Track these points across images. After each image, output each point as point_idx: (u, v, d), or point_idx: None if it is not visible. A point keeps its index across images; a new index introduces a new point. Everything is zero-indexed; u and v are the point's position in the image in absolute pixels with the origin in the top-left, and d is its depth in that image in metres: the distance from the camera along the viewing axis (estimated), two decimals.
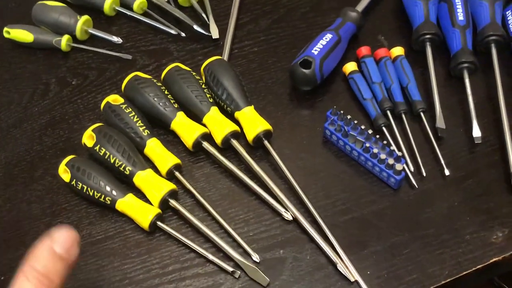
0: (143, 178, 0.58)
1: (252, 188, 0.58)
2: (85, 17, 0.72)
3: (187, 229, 0.57)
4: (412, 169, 0.58)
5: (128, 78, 0.64)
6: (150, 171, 0.59)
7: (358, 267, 0.53)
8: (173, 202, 0.57)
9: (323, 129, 0.61)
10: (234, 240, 0.56)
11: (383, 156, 0.56)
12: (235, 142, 0.60)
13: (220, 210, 0.58)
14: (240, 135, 0.61)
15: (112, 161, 0.58)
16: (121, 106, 0.62)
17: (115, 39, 0.72)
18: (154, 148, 0.60)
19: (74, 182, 0.58)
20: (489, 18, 0.65)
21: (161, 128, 0.63)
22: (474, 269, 0.53)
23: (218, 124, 0.60)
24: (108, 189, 0.57)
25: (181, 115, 0.61)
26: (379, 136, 0.58)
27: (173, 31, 0.72)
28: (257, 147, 0.61)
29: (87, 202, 0.60)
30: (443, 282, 0.52)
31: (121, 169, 0.58)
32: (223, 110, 0.62)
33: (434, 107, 0.61)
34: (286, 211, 0.56)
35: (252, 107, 0.62)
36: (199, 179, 0.60)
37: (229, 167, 0.59)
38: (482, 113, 0.61)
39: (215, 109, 0.62)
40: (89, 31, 0.73)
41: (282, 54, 0.70)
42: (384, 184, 0.58)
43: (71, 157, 0.60)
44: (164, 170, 0.59)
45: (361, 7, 0.69)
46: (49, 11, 0.73)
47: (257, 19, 0.74)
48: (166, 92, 0.63)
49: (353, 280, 0.52)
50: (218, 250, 0.55)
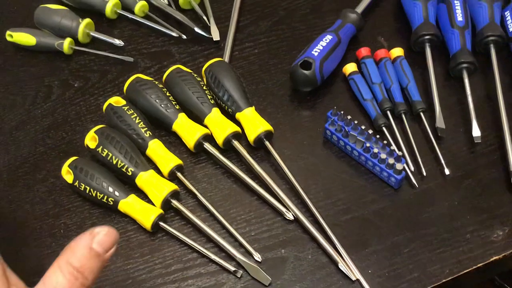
0: (145, 179, 0.58)
1: (253, 188, 0.59)
2: (87, 20, 0.73)
3: (189, 229, 0.58)
4: (412, 168, 0.59)
5: (130, 80, 0.65)
6: (152, 172, 0.59)
7: (359, 266, 0.53)
8: (175, 203, 0.58)
9: (324, 130, 0.61)
10: (236, 240, 0.56)
11: (384, 156, 0.57)
12: (236, 143, 0.61)
13: (222, 211, 0.58)
14: (241, 136, 0.62)
15: (115, 162, 0.59)
16: (123, 108, 0.62)
17: (117, 41, 0.72)
18: (156, 149, 0.61)
19: (77, 183, 0.59)
20: (488, 18, 0.66)
21: (163, 129, 0.64)
22: (475, 267, 0.53)
23: (219, 125, 0.61)
24: (111, 190, 0.57)
25: (182, 116, 0.62)
26: (379, 136, 0.59)
27: (174, 34, 0.73)
28: (258, 147, 0.62)
29: (90, 203, 0.60)
30: (443, 281, 0.52)
31: (124, 170, 0.59)
32: (224, 111, 0.63)
33: (434, 107, 0.61)
34: (288, 211, 0.57)
35: (253, 108, 0.62)
36: (200, 179, 0.61)
37: (230, 167, 0.60)
38: (481, 112, 0.62)
39: (216, 110, 0.62)
40: (91, 34, 0.73)
41: (282, 56, 0.70)
42: (385, 184, 0.59)
43: (73, 158, 0.60)
44: (166, 171, 0.60)
45: (360, 8, 0.70)
46: (51, 15, 0.73)
47: (257, 21, 0.74)
48: (168, 94, 0.63)
49: (354, 279, 0.53)
50: (220, 250, 0.56)
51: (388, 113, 0.62)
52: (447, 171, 0.58)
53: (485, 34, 0.65)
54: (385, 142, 0.57)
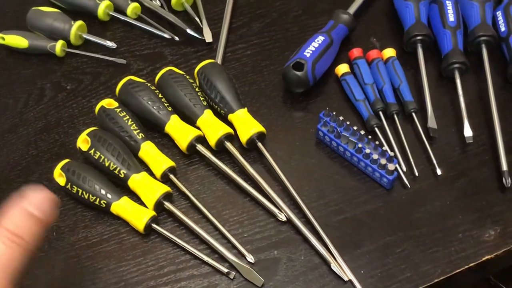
0: (137, 181, 0.58)
1: (246, 190, 0.59)
2: (79, 23, 0.73)
3: (182, 231, 0.57)
4: (405, 169, 0.59)
5: (122, 82, 0.65)
6: (144, 174, 0.59)
7: (351, 266, 0.53)
8: (168, 205, 0.58)
9: (316, 131, 0.61)
10: (229, 241, 0.56)
11: (376, 157, 0.57)
12: (229, 145, 0.61)
13: (215, 212, 0.58)
14: (234, 137, 0.62)
15: (107, 164, 0.59)
16: (116, 110, 0.62)
17: (109, 43, 0.72)
18: (149, 151, 0.61)
19: (69, 186, 0.58)
20: (479, 18, 0.66)
21: (156, 131, 0.64)
22: (467, 267, 0.53)
23: (211, 127, 0.61)
24: (103, 192, 0.57)
25: (175, 118, 0.62)
26: (371, 137, 0.59)
27: (166, 35, 0.73)
28: (250, 149, 0.62)
29: (83, 206, 0.60)
30: (436, 281, 0.53)
31: (116, 172, 0.58)
32: (216, 113, 0.63)
33: (426, 108, 0.61)
34: (280, 212, 0.57)
35: (245, 109, 0.62)
36: (193, 181, 0.61)
37: (223, 169, 0.60)
38: (473, 112, 0.62)
39: (208, 112, 0.62)
40: (84, 36, 0.73)
41: (275, 57, 0.70)
42: (377, 184, 0.59)
43: (66, 161, 0.60)
44: (159, 172, 0.60)
45: (352, 9, 0.70)
46: (44, 17, 0.73)
47: (250, 23, 0.74)
48: (160, 96, 0.63)
49: (347, 279, 0.53)
50: (213, 252, 0.56)
51: (381, 113, 0.62)
52: (439, 171, 0.58)
53: (476, 34, 0.65)
54: (377, 142, 0.57)
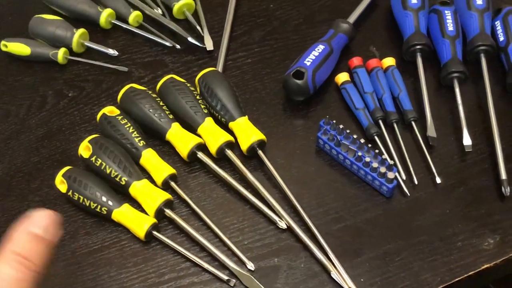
0: (138, 188, 0.58)
1: (246, 197, 0.59)
2: (81, 30, 0.73)
3: (182, 238, 0.58)
4: (404, 177, 0.59)
5: (123, 89, 0.65)
6: (145, 181, 0.59)
7: (351, 274, 0.54)
8: (168, 212, 0.58)
9: (316, 139, 0.62)
10: (229, 249, 0.56)
11: (375, 165, 0.57)
12: (229, 152, 0.61)
13: (215, 219, 0.58)
14: (234, 145, 0.62)
15: (108, 171, 0.59)
16: (117, 117, 0.62)
17: (111, 51, 0.72)
18: (150, 158, 0.61)
19: (70, 193, 0.59)
20: (478, 28, 0.67)
21: (157, 139, 0.64)
22: (466, 275, 0.54)
23: (212, 135, 0.61)
24: (104, 199, 0.58)
25: (176, 126, 0.62)
26: (371, 145, 0.59)
27: (168, 43, 0.73)
28: (251, 156, 0.62)
29: (84, 213, 0.61)
30: None
31: (117, 179, 0.59)
32: (217, 121, 0.63)
33: (425, 116, 0.62)
34: (280, 219, 0.57)
35: (246, 117, 0.63)
36: (194, 189, 0.61)
37: (223, 176, 0.60)
38: (472, 121, 0.62)
39: (209, 120, 0.62)
40: (86, 44, 0.74)
41: (275, 65, 0.71)
42: (377, 193, 0.59)
43: (67, 168, 0.60)
44: (160, 180, 0.60)
45: (352, 18, 0.70)
46: (46, 25, 0.74)
47: (250, 31, 0.75)
48: (161, 104, 0.64)
49: (346, 287, 0.53)
50: (213, 259, 0.56)
51: (380, 122, 0.62)
52: (438, 180, 0.59)
53: (475, 44, 0.66)
54: (377, 151, 0.58)
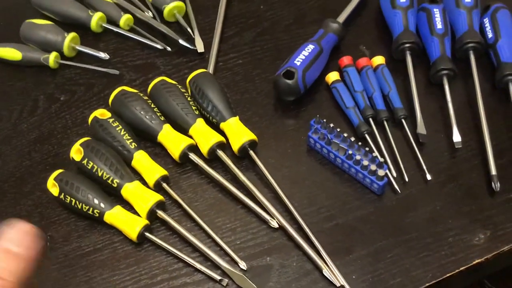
0: (130, 190, 0.59)
1: (238, 198, 0.59)
2: (72, 34, 0.74)
3: (175, 239, 0.58)
4: (395, 174, 0.59)
5: (115, 92, 0.65)
6: (137, 183, 0.59)
7: (343, 272, 0.54)
8: (160, 213, 0.58)
9: (307, 138, 0.62)
10: (222, 248, 0.57)
11: (366, 163, 0.57)
12: (221, 153, 0.61)
13: (207, 220, 0.58)
14: (225, 145, 0.62)
15: (100, 174, 0.59)
16: (108, 120, 0.63)
17: (102, 55, 0.73)
18: (141, 160, 0.61)
19: (62, 196, 0.59)
20: (467, 25, 0.67)
21: (148, 140, 0.64)
22: (457, 271, 0.54)
23: (204, 136, 0.61)
24: (96, 202, 0.58)
25: (167, 127, 0.62)
26: (361, 143, 0.59)
27: (159, 46, 0.73)
28: (242, 157, 0.62)
29: (76, 215, 0.61)
30: (427, 285, 0.53)
31: (109, 181, 0.59)
32: (208, 122, 0.64)
33: (415, 114, 0.62)
34: (272, 219, 0.57)
35: (237, 118, 0.63)
36: (186, 190, 0.61)
37: (215, 177, 0.60)
38: (462, 118, 0.63)
39: (200, 121, 0.63)
40: (77, 47, 0.74)
41: (266, 66, 0.71)
42: (368, 190, 0.59)
43: (59, 171, 0.60)
44: (152, 181, 0.60)
45: (342, 18, 0.71)
46: (37, 29, 0.74)
47: (241, 32, 0.75)
48: (153, 106, 0.64)
49: (338, 285, 0.53)
50: (205, 259, 0.56)
51: (371, 120, 0.63)
52: (429, 177, 0.59)
53: (464, 41, 0.66)
54: (367, 149, 0.58)
